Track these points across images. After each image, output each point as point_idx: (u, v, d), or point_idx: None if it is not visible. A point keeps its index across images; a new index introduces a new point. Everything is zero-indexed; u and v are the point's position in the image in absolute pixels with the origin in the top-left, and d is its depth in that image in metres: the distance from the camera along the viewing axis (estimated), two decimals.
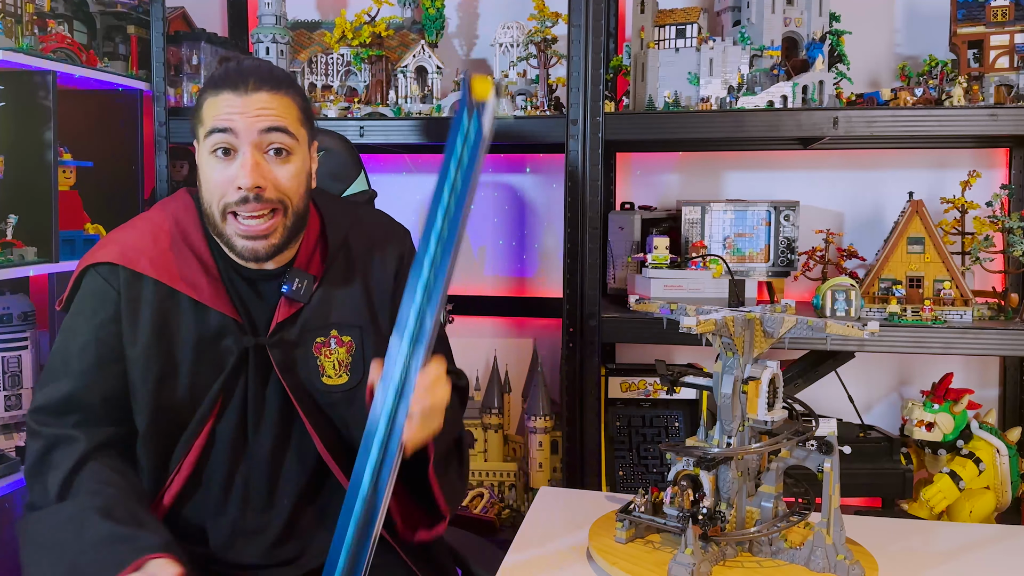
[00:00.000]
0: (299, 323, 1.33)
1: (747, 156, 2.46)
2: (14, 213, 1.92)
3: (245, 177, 1.23)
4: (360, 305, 1.38)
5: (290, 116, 1.28)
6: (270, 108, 1.25)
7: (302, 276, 1.33)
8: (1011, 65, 1.96)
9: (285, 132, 1.26)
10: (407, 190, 2.67)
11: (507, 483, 2.37)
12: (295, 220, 1.30)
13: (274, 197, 1.26)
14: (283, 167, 1.27)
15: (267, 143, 1.25)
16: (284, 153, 1.27)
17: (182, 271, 1.30)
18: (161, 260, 1.30)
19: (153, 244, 1.31)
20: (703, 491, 1.21)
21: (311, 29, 2.46)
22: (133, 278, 1.29)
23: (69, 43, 2.09)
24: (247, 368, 1.32)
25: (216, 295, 1.30)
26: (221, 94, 1.25)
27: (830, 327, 1.19)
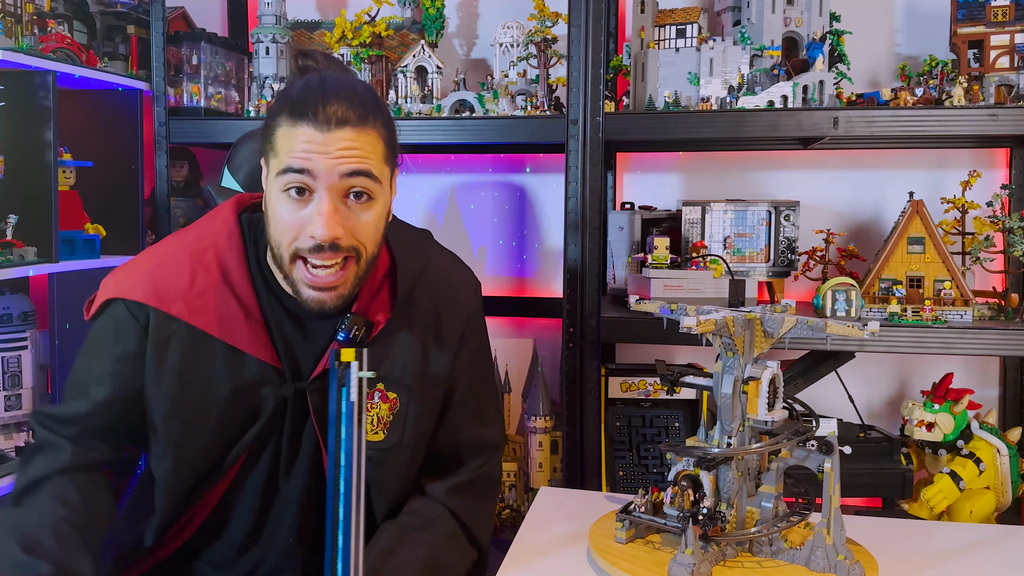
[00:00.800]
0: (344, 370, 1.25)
1: (747, 156, 2.46)
2: (14, 213, 1.92)
3: (322, 228, 1.11)
4: (414, 362, 1.27)
5: (375, 155, 1.15)
6: (354, 148, 1.12)
7: (360, 323, 1.21)
8: (1011, 65, 1.96)
9: (368, 176, 1.14)
10: (407, 190, 2.67)
11: (507, 483, 2.36)
12: (367, 267, 1.20)
13: (349, 245, 1.15)
14: (363, 213, 1.16)
15: (348, 187, 1.14)
16: (365, 198, 1.15)
17: (220, 314, 1.20)
18: (198, 303, 1.20)
19: (190, 284, 1.21)
20: (703, 491, 1.21)
21: (311, 29, 2.46)
22: (165, 320, 1.20)
23: (69, 43, 2.09)
24: (284, 415, 1.24)
25: (255, 340, 1.21)
26: (299, 127, 1.12)
27: (830, 327, 1.19)
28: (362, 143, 1.13)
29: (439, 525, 1.29)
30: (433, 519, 1.30)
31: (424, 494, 1.34)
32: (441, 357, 1.30)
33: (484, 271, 2.65)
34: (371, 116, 1.15)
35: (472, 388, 1.37)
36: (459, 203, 2.66)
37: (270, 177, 1.18)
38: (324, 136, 1.11)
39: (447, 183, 2.66)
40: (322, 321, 1.24)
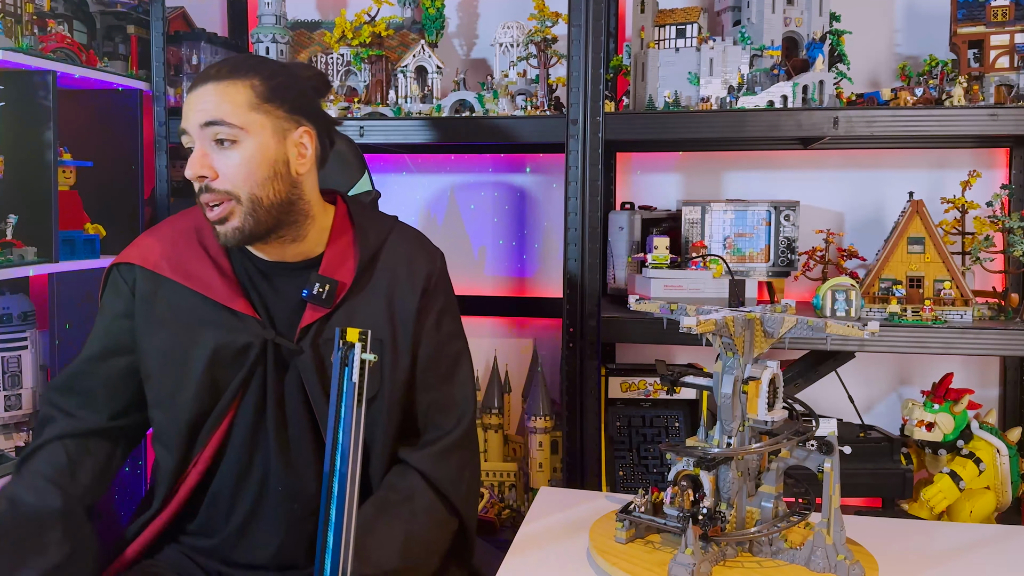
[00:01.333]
0: (324, 330, 1.35)
1: (747, 156, 2.46)
2: (14, 213, 1.92)
3: (188, 166, 1.28)
4: (383, 316, 1.38)
5: (235, 103, 1.28)
6: (210, 101, 1.27)
7: (323, 281, 1.34)
8: (1011, 65, 1.96)
9: (223, 124, 1.27)
10: (407, 190, 2.67)
11: (507, 483, 2.37)
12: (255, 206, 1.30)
13: (222, 188, 1.28)
14: (226, 155, 1.28)
15: (212, 134, 1.28)
16: (228, 143, 1.28)
17: (199, 273, 1.36)
18: (177, 260, 1.37)
19: (171, 246, 1.39)
20: (703, 491, 1.21)
21: (311, 29, 2.46)
22: (149, 277, 1.37)
23: (69, 43, 2.09)
24: (266, 362, 1.34)
25: (231, 293, 1.34)
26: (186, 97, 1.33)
27: (830, 327, 1.19)
28: (220, 94, 1.28)
29: (417, 499, 1.34)
30: (411, 493, 1.35)
31: (402, 464, 1.39)
32: (407, 311, 1.40)
33: (484, 271, 2.65)
34: (241, 72, 1.30)
35: (439, 348, 1.43)
36: (459, 203, 2.66)
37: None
38: (192, 95, 1.29)
39: (447, 183, 2.66)
40: (289, 278, 1.37)
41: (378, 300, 1.38)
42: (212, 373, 1.33)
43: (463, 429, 1.41)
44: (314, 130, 1.35)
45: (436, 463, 1.38)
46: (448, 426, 1.41)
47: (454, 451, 1.40)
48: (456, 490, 1.38)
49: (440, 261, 1.48)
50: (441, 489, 1.36)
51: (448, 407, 1.42)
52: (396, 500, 1.33)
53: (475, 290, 2.63)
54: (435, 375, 1.42)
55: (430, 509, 1.35)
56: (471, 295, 2.60)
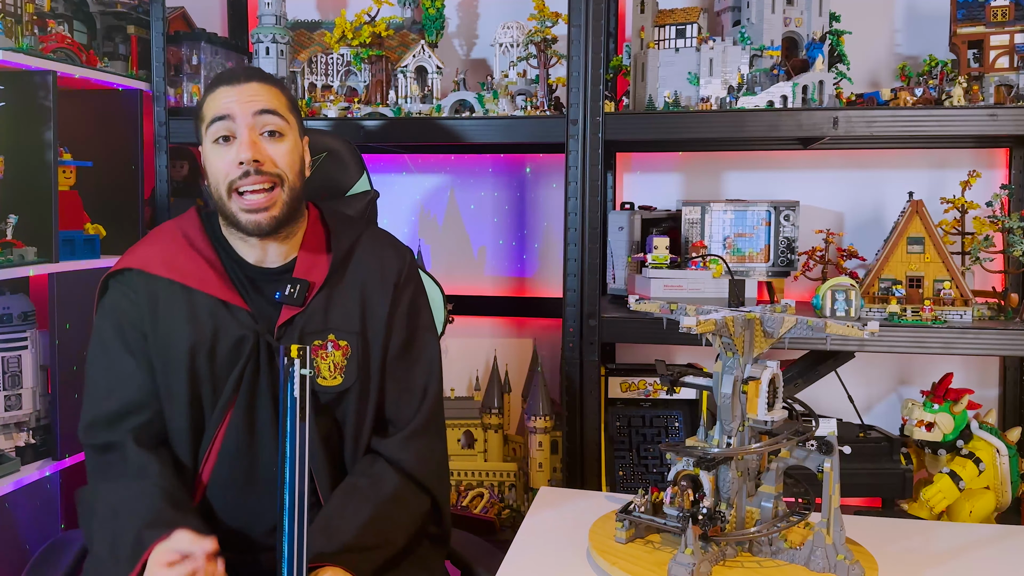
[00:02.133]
0: (298, 326, 1.41)
1: (747, 156, 2.46)
2: (14, 213, 1.92)
3: (245, 151, 1.35)
4: (356, 310, 1.45)
5: (280, 103, 1.41)
6: (261, 94, 1.39)
7: (295, 282, 1.42)
8: (1011, 65, 1.96)
9: (276, 115, 1.39)
10: (407, 190, 2.67)
11: (507, 483, 2.37)
12: (292, 197, 1.41)
13: (272, 171, 1.38)
14: (278, 145, 1.39)
15: (261, 125, 1.38)
16: (277, 135, 1.40)
17: (193, 270, 1.42)
18: (173, 262, 1.43)
19: (163, 250, 1.45)
20: (703, 491, 1.21)
21: (311, 29, 2.46)
22: (148, 279, 1.42)
23: (69, 43, 2.08)
24: (259, 355, 1.39)
25: (225, 288, 1.41)
26: (217, 90, 1.41)
27: (830, 327, 1.19)
28: (267, 92, 1.41)
29: (385, 481, 1.40)
30: (379, 477, 1.40)
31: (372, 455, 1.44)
32: (380, 305, 1.47)
33: (484, 271, 2.65)
34: (274, 81, 1.45)
35: (408, 338, 1.49)
36: (459, 203, 2.66)
37: (203, 138, 1.42)
38: (237, 88, 1.39)
39: (447, 183, 2.66)
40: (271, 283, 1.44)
41: (351, 296, 1.46)
42: (212, 365, 1.39)
43: (424, 416, 1.47)
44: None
45: (402, 449, 1.43)
46: (411, 413, 1.47)
47: (418, 437, 1.46)
48: (423, 468, 1.44)
49: (410, 257, 1.55)
50: (408, 470, 1.42)
51: (412, 394, 1.48)
52: (364, 484, 1.39)
53: (475, 290, 2.63)
54: (402, 364, 1.48)
55: (397, 488, 1.40)
56: (471, 295, 2.60)
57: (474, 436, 2.38)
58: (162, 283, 1.42)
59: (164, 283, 1.42)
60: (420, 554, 1.44)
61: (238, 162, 1.36)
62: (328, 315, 1.43)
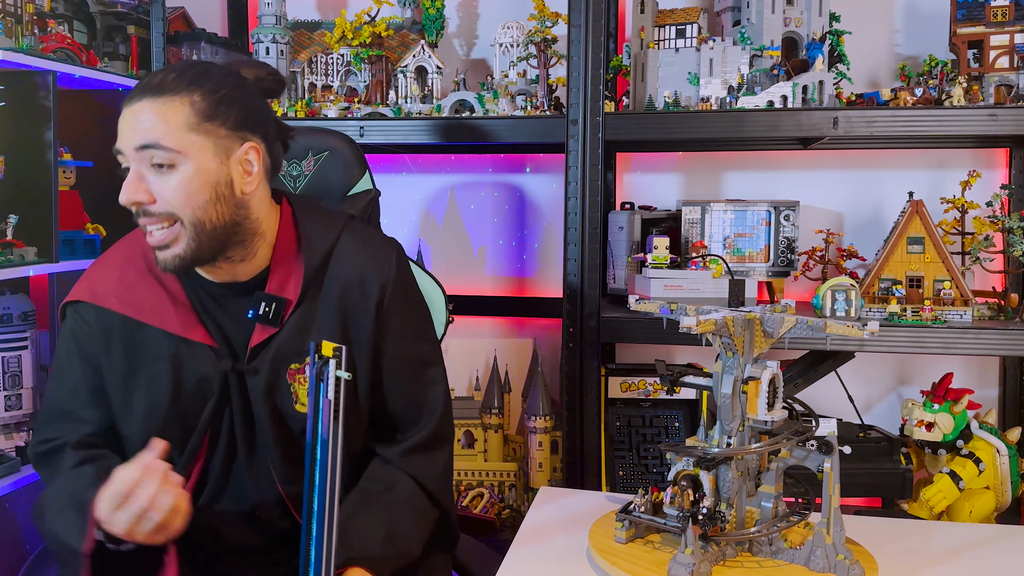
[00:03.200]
0: (273, 347, 1.30)
1: (747, 156, 2.46)
2: (14, 213, 1.92)
3: (122, 193, 1.21)
4: (335, 333, 1.32)
5: (172, 122, 1.19)
6: (144, 121, 1.19)
7: (270, 299, 1.28)
8: (1011, 65, 1.96)
9: (158, 148, 1.18)
10: (407, 190, 2.67)
11: (507, 483, 2.37)
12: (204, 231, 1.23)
13: (163, 211, 1.21)
14: (165, 179, 1.20)
15: (148, 157, 1.20)
16: (165, 167, 1.20)
17: (150, 303, 1.30)
18: (128, 295, 1.31)
19: (120, 279, 1.32)
20: (703, 491, 1.21)
21: (311, 29, 2.46)
22: (101, 314, 1.31)
23: (69, 43, 2.08)
24: (230, 392, 1.30)
25: (186, 323, 1.29)
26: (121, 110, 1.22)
27: (830, 327, 1.19)
28: (155, 114, 1.18)
29: (398, 488, 1.34)
30: (392, 483, 1.35)
31: (380, 459, 1.39)
32: (362, 324, 1.34)
33: (484, 271, 2.65)
34: (179, 87, 1.19)
35: (404, 352, 1.39)
36: (459, 203, 2.66)
37: None
38: (126, 111, 1.20)
39: (447, 183, 2.66)
40: (241, 299, 1.31)
41: (329, 313, 1.32)
42: (178, 408, 1.29)
43: (433, 427, 1.40)
44: (262, 143, 1.27)
45: (412, 459, 1.38)
46: (421, 425, 1.40)
47: (428, 448, 1.40)
48: (433, 482, 1.39)
49: (396, 261, 1.38)
50: (421, 481, 1.37)
51: (419, 408, 1.40)
52: (377, 490, 1.34)
53: (475, 290, 2.63)
54: (403, 379, 1.39)
55: (411, 497, 1.35)
56: (471, 295, 2.60)
57: (474, 436, 2.38)
58: (116, 319, 1.30)
59: (118, 319, 1.30)
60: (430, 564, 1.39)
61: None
62: (305, 335, 1.30)
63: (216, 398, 1.29)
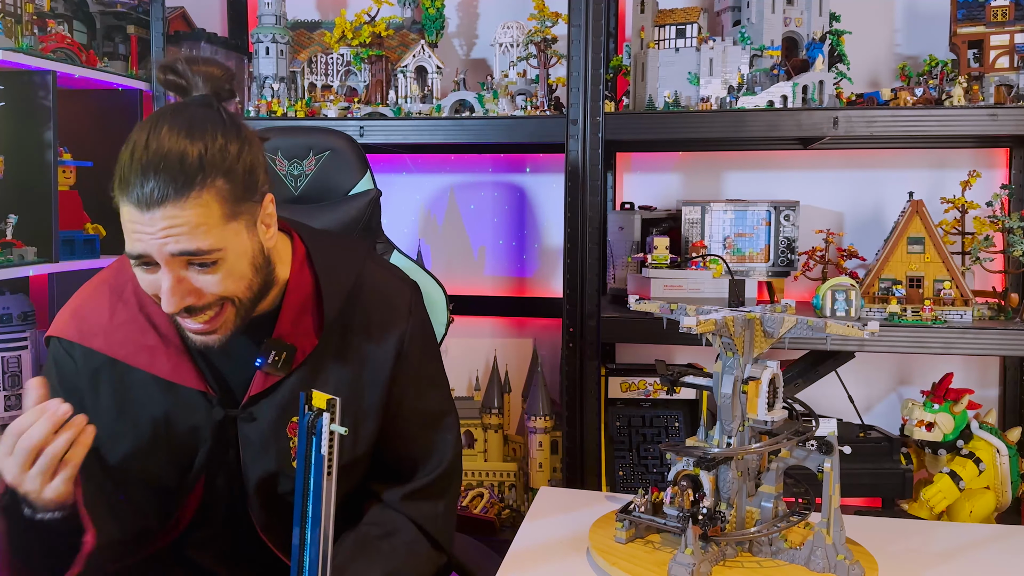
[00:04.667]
0: (275, 398, 1.23)
1: (747, 156, 2.46)
2: (14, 213, 1.92)
3: (167, 304, 1.09)
4: (348, 385, 1.26)
5: (208, 222, 1.08)
6: (176, 226, 1.06)
7: (280, 347, 1.20)
8: (1011, 65, 1.96)
9: (196, 252, 1.08)
10: (407, 190, 2.67)
11: (507, 483, 2.37)
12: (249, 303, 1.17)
13: (210, 302, 1.12)
14: (209, 277, 1.11)
15: (184, 262, 1.09)
16: (208, 265, 1.10)
17: (140, 345, 1.22)
18: (118, 336, 1.22)
19: (109, 317, 1.24)
20: (703, 491, 1.21)
21: (311, 29, 2.46)
22: (90, 355, 1.23)
23: (69, 43, 2.09)
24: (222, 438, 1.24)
25: (178, 368, 1.21)
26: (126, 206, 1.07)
27: (830, 327, 1.19)
28: (186, 217, 1.06)
29: (399, 534, 1.30)
30: (392, 528, 1.30)
31: (381, 502, 1.34)
32: (377, 377, 1.28)
33: (484, 271, 2.65)
34: (199, 179, 1.07)
35: (418, 401, 1.35)
36: (459, 203, 2.66)
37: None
38: (146, 217, 1.06)
39: (447, 183, 2.66)
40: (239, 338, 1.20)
41: (342, 364, 1.26)
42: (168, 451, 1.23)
43: (441, 472, 1.36)
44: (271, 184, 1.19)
45: (415, 503, 1.33)
46: (428, 470, 1.35)
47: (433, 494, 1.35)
48: (438, 526, 1.35)
49: (415, 309, 1.34)
50: (424, 526, 1.33)
51: (428, 454, 1.36)
52: (376, 535, 1.28)
53: (475, 290, 2.63)
54: (416, 426, 1.35)
55: (412, 544, 1.31)
56: (471, 295, 2.60)
57: (474, 436, 2.38)
58: (103, 359, 1.22)
59: (106, 360, 1.22)
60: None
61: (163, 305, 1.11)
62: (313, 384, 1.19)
63: (209, 446, 1.22)
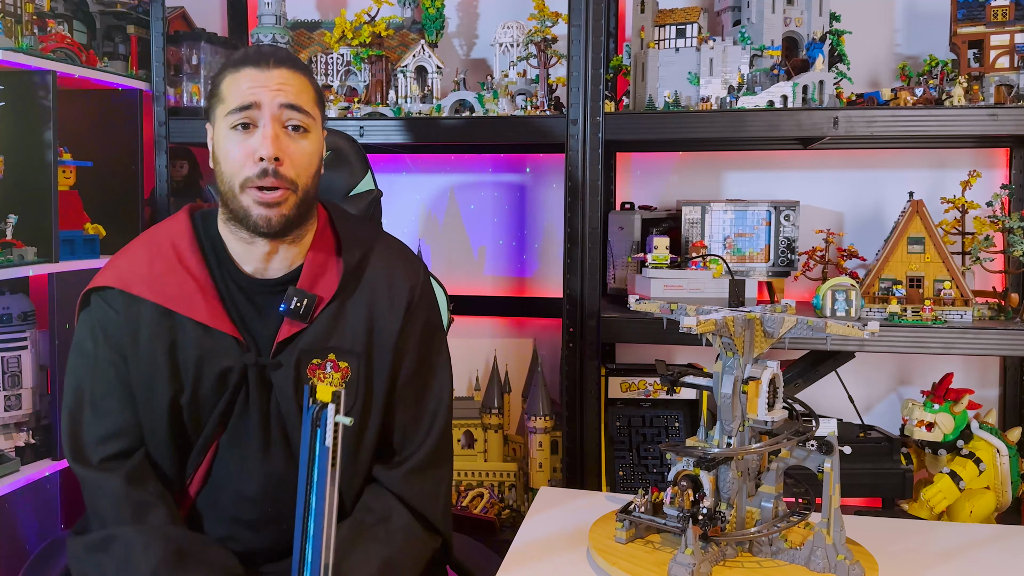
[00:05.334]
0: (299, 343, 1.31)
1: (747, 156, 2.46)
2: (14, 213, 1.92)
3: (267, 147, 1.24)
4: (363, 331, 1.34)
5: (307, 95, 1.30)
6: (290, 85, 1.28)
7: (301, 295, 1.30)
8: (1011, 65, 1.96)
9: (302, 111, 1.28)
10: (407, 190, 2.67)
11: (507, 483, 2.37)
12: (303, 199, 1.30)
13: (289, 174, 1.27)
14: (300, 143, 1.28)
15: (286, 118, 1.27)
16: (301, 130, 1.29)
17: (179, 292, 1.30)
18: (157, 283, 1.31)
19: (148, 267, 1.32)
20: (703, 491, 1.21)
21: (311, 29, 2.46)
22: (130, 300, 1.31)
23: (69, 43, 2.08)
24: (248, 385, 1.31)
25: (214, 314, 1.30)
26: (242, 70, 1.27)
27: (830, 327, 1.19)
28: (296, 83, 1.29)
29: (393, 519, 1.33)
30: (387, 514, 1.33)
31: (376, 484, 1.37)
32: (389, 326, 1.36)
33: (484, 271, 2.65)
34: (302, 68, 1.32)
35: (419, 363, 1.40)
36: (459, 203, 2.66)
37: (218, 120, 1.30)
38: (265, 73, 1.27)
39: (447, 183, 2.66)
40: (272, 296, 1.33)
41: (358, 313, 1.35)
42: (195, 396, 1.30)
43: (434, 440, 1.39)
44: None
45: (410, 483, 1.36)
46: (419, 439, 1.38)
47: (427, 468, 1.38)
48: (433, 508, 1.37)
49: (423, 274, 1.45)
50: (418, 508, 1.35)
51: (420, 420, 1.39)
52: (371, 522, 1.31)
53: (475, 290, 2.63)
54: (412, 390, 1.39)
55: (407, 529, 1.33)
56: (471, 295, 2.60)
57: (474, 436, 2.38)
58: (145, 306, 1.30)
59: (147, 306, 1.30)
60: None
61: (258, 157, 1.25)
62: (332, 333, 1.32)
63: (231, 390, 1.29)
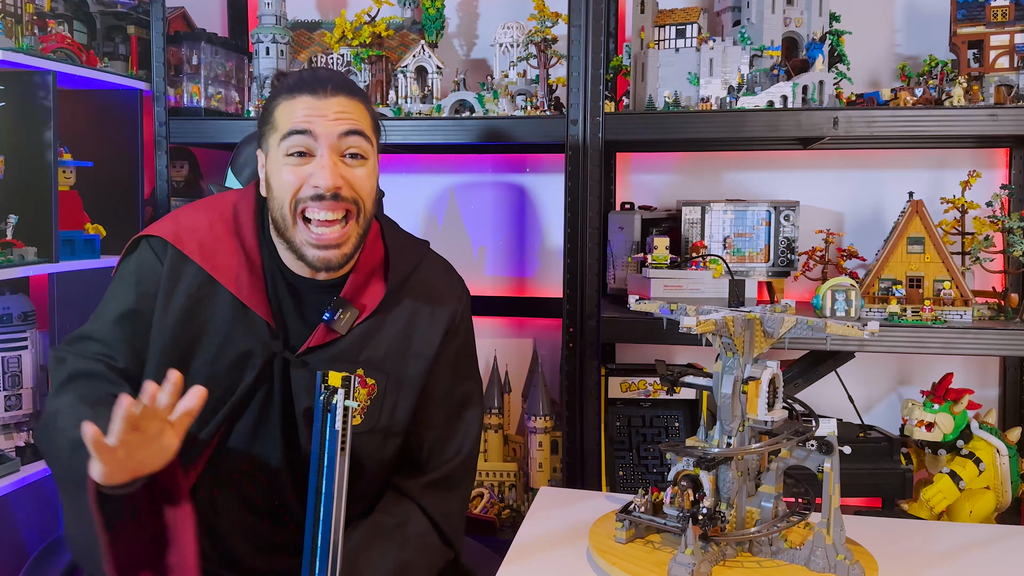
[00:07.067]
0: (329, 353, 1.31)
1: (747, 156, 2.46)
2: (14, 213, 1.92)
3: (326, 177, 1.23)
4: (396, 351, 1.34)
5: (365, 121, 1.30)
6: (348, 112, 1.27)
7: (346, 307, 1.31)
8: (1011, 65, 1.96)
9: (362, 136, 1.28)
10: (407, 190, 2.67)
11: (507, 483, 2.37)
12: (365, 227, 1.31)
13: (350, 197, 1.26)
14: (359, 169, 1.28)
15: (345, 147, 1.27)
16: (360, 157, 1.29)
17: (228, 262, 1.30)
18: (211, 247, 1.31)
19: (208, 230, 1.33)
20: (703, 491, 1.21)
21: (311, 29, 2.46)
22: (179, 257, 1.31)
23: (69, 43, 2.09)
24: (271, 372, 1.30)
25: (255, 294, 1.30)
26: (298, 97, 1.27)
27: (830, 327, 1.19)
28: (353, 109, 1.28)
29: (411, 524, 1.33)
30: (405, 518, 1.34)
31: (397, 491, 1.37)
32: (424, 350, 1.36)
33: (484, 271, 2.65)
34: (359, 94, 1.32)
35: (452, 387, 1.41)
36: (459, 203, 2.65)
37: (271, 148, 1.29)
38: (321, 102, 1.26)
39: (447, 183, 2.66)
40: (316, 294, 1.32)
41: (395, 332, 1.34)
42: (209, 369, 1.29)
43: (460, 461, 1.40)
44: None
45: (431, 493, 1.37)
46: (447, 458, 1.40)
47: (450, 484, 1.39)
48: (450, 522, 1.38)
49: (466, 298, 1.46)
50: (435, 519, 1.36)
51: (448, 442, 1.40)
52: (390, 525, 1.32)
53: (475, 290, 2.59)
54: (444, 412, 1.40)
55: (423, 536, 1.34)
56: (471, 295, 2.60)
57: None
58: (190, 266, 1.30)
59: (192, 266, 1.30)
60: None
61: (313, 185, 1.24)
62: (365, 347, 1.32)
63: (256, 373, 1.28)
